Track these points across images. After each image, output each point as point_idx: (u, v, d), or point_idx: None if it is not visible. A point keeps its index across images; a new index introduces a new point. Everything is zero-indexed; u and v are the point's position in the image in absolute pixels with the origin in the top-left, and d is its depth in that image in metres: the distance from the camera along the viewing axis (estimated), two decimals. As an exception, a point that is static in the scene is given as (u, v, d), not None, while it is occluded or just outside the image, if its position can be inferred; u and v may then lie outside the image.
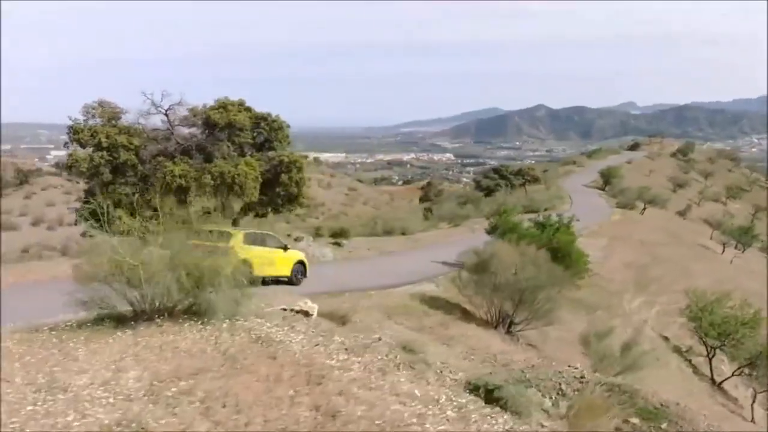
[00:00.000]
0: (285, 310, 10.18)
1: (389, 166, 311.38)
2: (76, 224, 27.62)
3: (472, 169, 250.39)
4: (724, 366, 31.62)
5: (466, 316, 18.82)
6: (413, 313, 16.64)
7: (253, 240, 18.22)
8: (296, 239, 24.58)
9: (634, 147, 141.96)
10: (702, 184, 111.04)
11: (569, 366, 13.06)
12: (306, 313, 10.31)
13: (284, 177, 25.57)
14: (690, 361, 31.11)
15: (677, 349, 30.99)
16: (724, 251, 56.39)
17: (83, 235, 27.68)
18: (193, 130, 24.58)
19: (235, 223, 28.42)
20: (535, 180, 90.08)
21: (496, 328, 17.26)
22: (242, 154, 25.70)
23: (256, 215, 30.44)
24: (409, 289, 20.57)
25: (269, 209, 29.61)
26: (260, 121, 25.84)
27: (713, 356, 30.18)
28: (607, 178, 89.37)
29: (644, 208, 69.40)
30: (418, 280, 22.74)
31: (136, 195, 19.15)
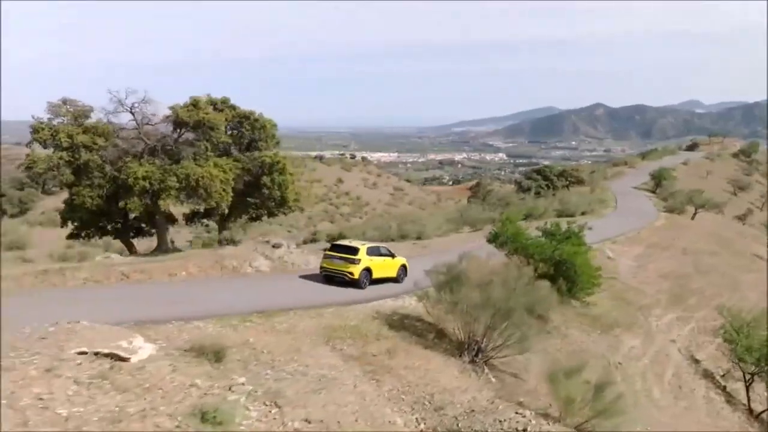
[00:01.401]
0: (84, 353, 8.18)
1: (440, 166, 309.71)
2: (61, 227, 26.80)
3: (524, 169, 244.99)
4: (769, 393, 28.18)
5: (441, 338, 16.62)
6: (363, 336, 14.59)
7: (371, 251, 22.39)
8: (274, 246, 22.89)
9: (692, 147, 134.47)
10: (766, 187, 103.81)
11: (517, 412, 10.79)
12: (118, 358, 8.30)
13: (266, 179, 23.92)
14: (724, 387, 27.76)
15: (708, 374, 27.66)
16: (780, 261, 51.53)
17: (69, 237, 26.88)
18: (166, 129, 23.23)
19: (222, 226, 27.03)
20: (580, 182, 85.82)
21: (460, 356, 15.03)
22: (225, 155, 24.24)
23: (251, 218, 29.04)
24: (382, 305, 18.49)
25: (264, 212, 28.18)
26: (242, 120, 24.30)
27: (751, 383, 26.79)
28: (658, 180, 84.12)
29: (695, 212, 64.58)
30: (400, 293, 20.60)
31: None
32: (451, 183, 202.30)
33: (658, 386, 23.65)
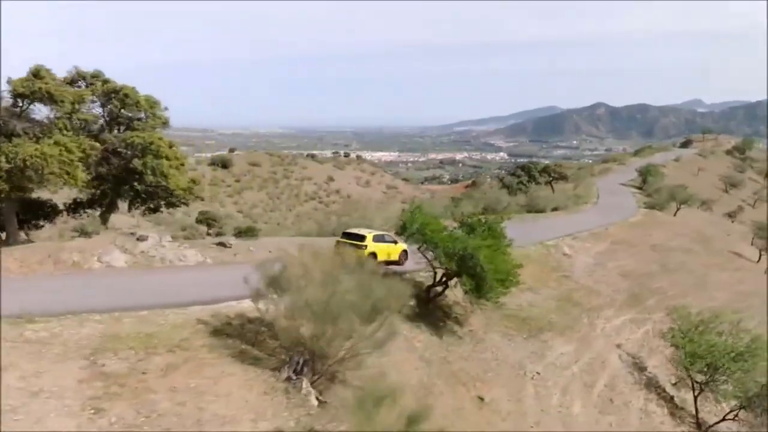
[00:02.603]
0: None
1: (441, 165, 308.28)
2: None
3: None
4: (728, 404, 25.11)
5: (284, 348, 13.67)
6: (151, 347, 11.72)
7: (377, 238, 24.79)
8: (139, 238, 20.02)
9: (686, 144, 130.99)
10: (759, 184, 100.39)
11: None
12: None
13: (137, 163, 21.03)
14: (672, 398, 24.75)
15: (653, 384, 24.64)
16: (759, 259, 48.36)
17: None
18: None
19: (103, 218, 24.15)
20: (563, 178, 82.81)
21: (280, 370, 12.17)
22: (92, 135, 21.38)
23: (149, 210, 26.14)
24: (228, 307, 15.51)
25: (162, 202, 25.24)
26: (111, 95, 21.39)
27: (700, 392, 23.78)
28: (644, 177, 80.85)
29: (678, 209, 61.37)
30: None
31: None
32: (449, 182, 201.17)
33: (583, 399, 20.64)
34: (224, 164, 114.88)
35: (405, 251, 25.57)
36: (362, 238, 24.36)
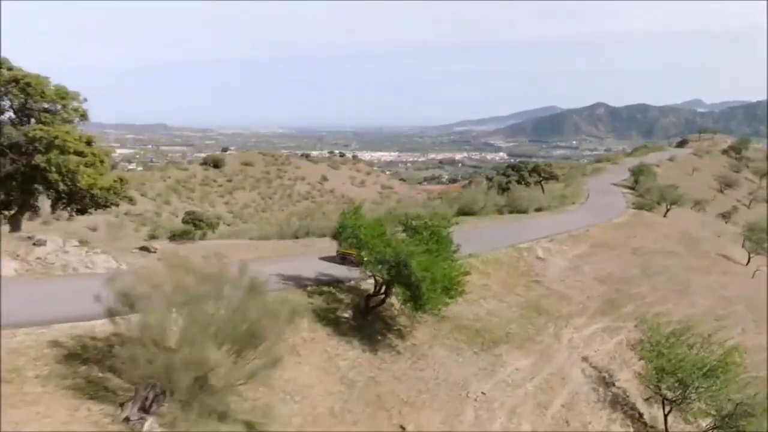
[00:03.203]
0: None
1: (441, 165, 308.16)
2: None
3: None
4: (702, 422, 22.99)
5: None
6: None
7: None
8: (35, 243, 18.01)
9: (682, 143, 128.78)
10: (755, 184, 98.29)
11: None
12: None
13: (40, 158, 19.00)
14: (641, 416, 22.63)
15: (620, 401, 22.50)
16: (749, 262, 46.17)
17: None
18: None
19: (13, 221, 22.07)
20: (553, 177, 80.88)
21: (123, 405, 10.16)
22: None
23: (78, 211, 24.09)
24: (106, 324, 13.48)
25: (89, 204, 23.18)
26: (11, 84, 19.36)
27: (669, 411, 21.67)
28: (636, 177, 78.88)
29: (668, 209, 59.38)
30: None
31: None
32: (448, 182, 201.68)
33: (534, 423, 18.51)
34: (216, 164, 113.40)
35: None
36: None
